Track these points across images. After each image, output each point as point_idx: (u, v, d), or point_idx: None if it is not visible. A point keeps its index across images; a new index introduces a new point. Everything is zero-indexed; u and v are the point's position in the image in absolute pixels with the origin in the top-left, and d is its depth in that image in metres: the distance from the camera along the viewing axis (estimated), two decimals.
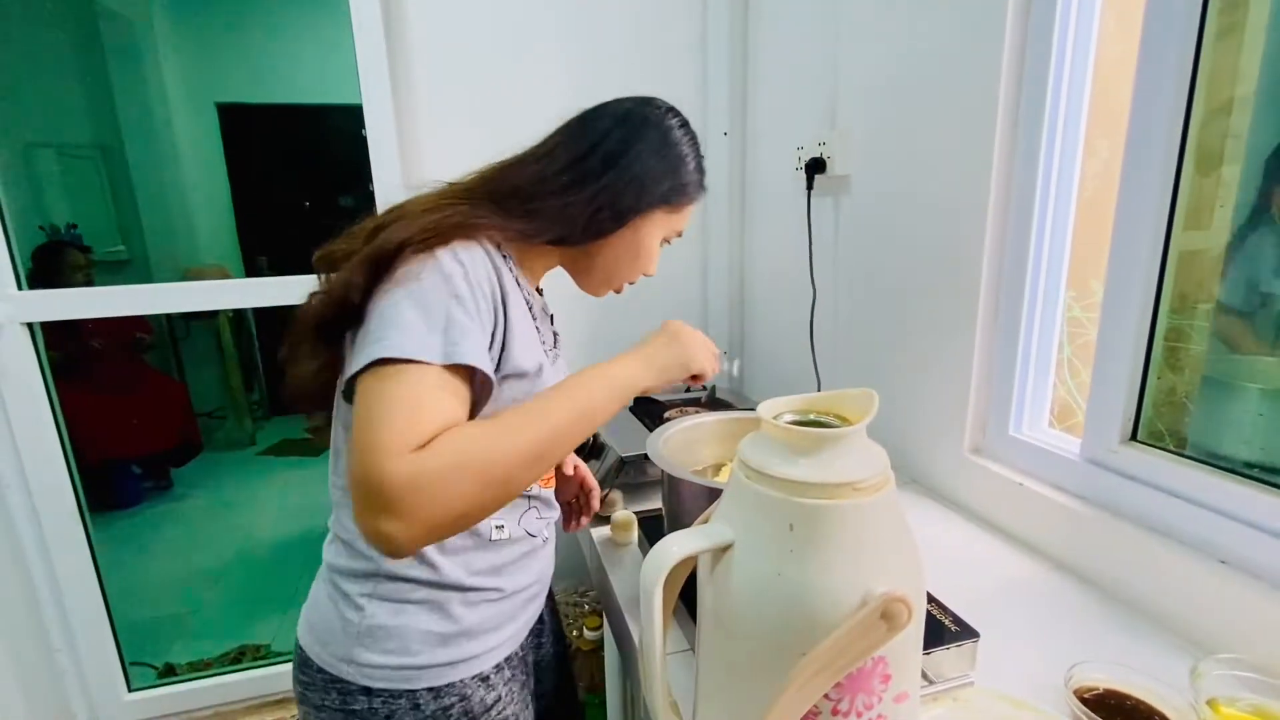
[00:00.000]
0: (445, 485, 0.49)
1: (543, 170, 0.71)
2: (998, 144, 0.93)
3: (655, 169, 0.72)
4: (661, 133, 0.73)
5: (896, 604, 0.38)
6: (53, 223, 2.74)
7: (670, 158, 0.73)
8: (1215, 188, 0.79)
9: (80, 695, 1.57)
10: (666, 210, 0.75)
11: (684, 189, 0.75)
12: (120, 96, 2.99)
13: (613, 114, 0.74)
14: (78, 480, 1.48)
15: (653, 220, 0.75)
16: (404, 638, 0.66)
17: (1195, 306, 0.82)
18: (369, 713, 0.66)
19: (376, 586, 0.67)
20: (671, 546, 0.45)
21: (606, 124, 0.73)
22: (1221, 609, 0.70)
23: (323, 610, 0.70)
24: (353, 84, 1.45)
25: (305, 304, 0.66)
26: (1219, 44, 0.74)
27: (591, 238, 0.72)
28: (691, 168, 0.76)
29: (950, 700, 0.64)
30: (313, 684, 0.69)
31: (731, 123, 1.69)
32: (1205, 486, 0.74)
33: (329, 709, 0.68)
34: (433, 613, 0.68)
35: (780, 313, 1.62)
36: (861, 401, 0.47)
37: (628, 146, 0.71)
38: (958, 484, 1.08)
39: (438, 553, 0.67)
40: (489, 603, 0.71)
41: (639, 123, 0.73)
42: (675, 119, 0.76)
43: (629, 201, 0.72)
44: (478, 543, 0.70)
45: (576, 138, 0.73)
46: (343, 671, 0.67)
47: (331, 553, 0.71)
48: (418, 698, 0.67)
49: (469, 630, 0.69)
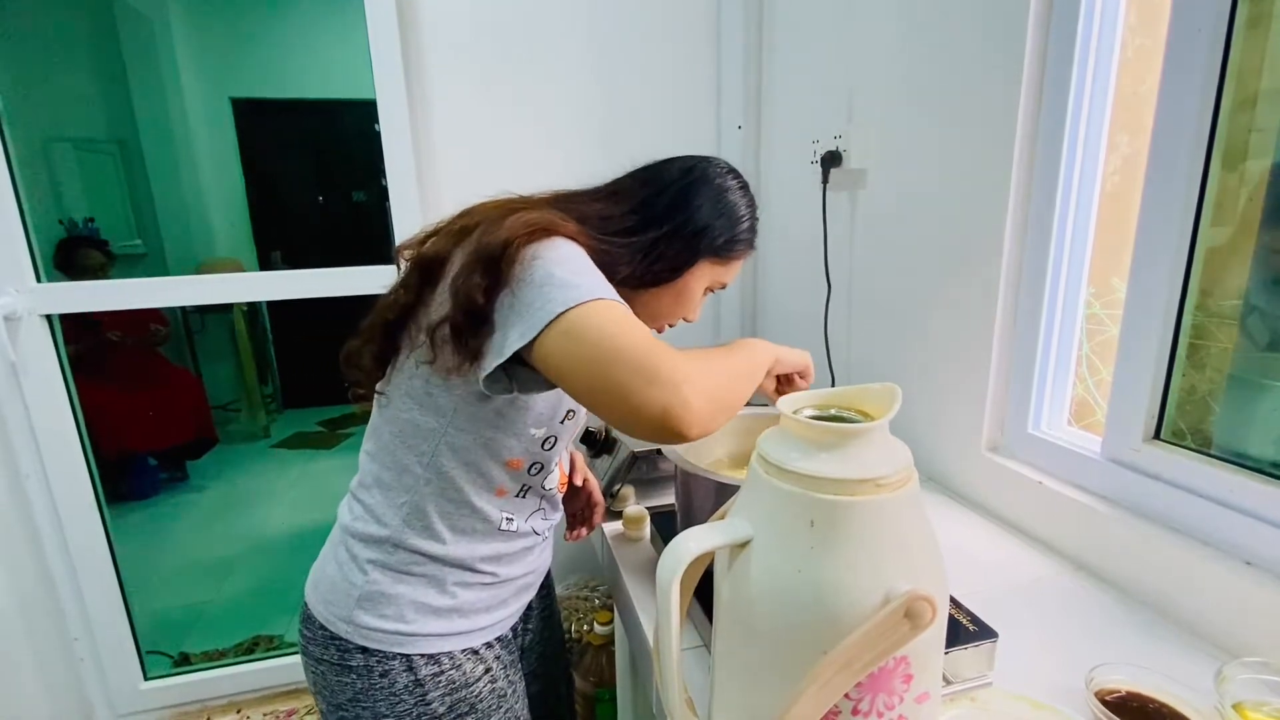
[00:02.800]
0: (708, 368, 0.58)
1: (608, 209, 0.74)
2: (1018, 138, 0.92)
3: (712, 222, 0.76)
4: (720, 189, 0.77)
5: (920, 602, 0.38)
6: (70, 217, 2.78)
7: (726, 212, 0.77)
8: (1240, 182, 0.78)
9: (97, 683, 1.59)
10: (715, 262, 0.78)
11: (735, 244, 0.79)
12: (136, 92, 3.02)
13: (678, 167, 0.78)
14: (95, 471, 1.50)
15: (700, 269, 0.78)
16: (400, 605, 0.71)
17: (1221, 303, 0.81)
18: (365, 669, 0.71)
19: (387, 555, 0.71)
20: (689, 542, 0.45)
21: (672, 175, 0.77)
22: (1247, 611, 0.68)
23: (329, 571, 0.75)
24: (366, 79, 1.45)
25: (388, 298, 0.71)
26: (1246, 35, 0.72)
27: (647, 285, 0.75)
28: (745, 226, 0.79)
29: (968, 701, 0.63)
30: (314, 639, 0.74)
31: (746, 116, 1.68)
32: (1231, 486, 0.73)
33: (328, 663, 0.73)
34: (430, 586, 0.72)
35: (794, 307, 1.61)
36: (884, 397, 0.46)
37: (689, 199, 0.75)
38: (975, 482, 1.06)
39: (450, 532, 0.72)
40: (484, 586, 0.75)
41: (700, 177, 0.77)
42: (734, 179, 0.80)
43: (685, 251, 0.75)
44: (488, 529, 0.74)
45: (643, 184, 0.77)
46: (341, 630, 0.71)
47: (350, 516, 0.75)
48: (411, 660, 0.71)
49: (462, 608, 0.73)
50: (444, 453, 0.69)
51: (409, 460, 0.71)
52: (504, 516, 0.75)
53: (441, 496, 0.71)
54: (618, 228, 0.73)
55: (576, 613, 1.60)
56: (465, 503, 0.71)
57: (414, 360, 0.68)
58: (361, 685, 0.71)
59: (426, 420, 0.69)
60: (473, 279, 0.61)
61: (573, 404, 0.75)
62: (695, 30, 1.63)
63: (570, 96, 1.60)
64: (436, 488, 0.71)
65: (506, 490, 0.74)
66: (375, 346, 0.71)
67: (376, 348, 0.71)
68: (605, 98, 1.61)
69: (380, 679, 0.71)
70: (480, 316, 0.61)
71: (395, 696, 0.71)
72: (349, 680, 0.71)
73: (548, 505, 0.81)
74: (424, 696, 0.71)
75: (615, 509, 1.08)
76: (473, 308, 0.60)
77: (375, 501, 0.73)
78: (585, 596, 1.65)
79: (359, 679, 0.71)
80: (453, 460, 0.70)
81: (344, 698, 0.72)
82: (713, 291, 0.83)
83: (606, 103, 1.62)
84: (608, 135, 1.63)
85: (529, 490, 0.77)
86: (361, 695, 0.71)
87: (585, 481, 0.99)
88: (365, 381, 0.74)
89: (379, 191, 1.53)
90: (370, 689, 0.71)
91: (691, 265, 0.76)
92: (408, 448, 0.70)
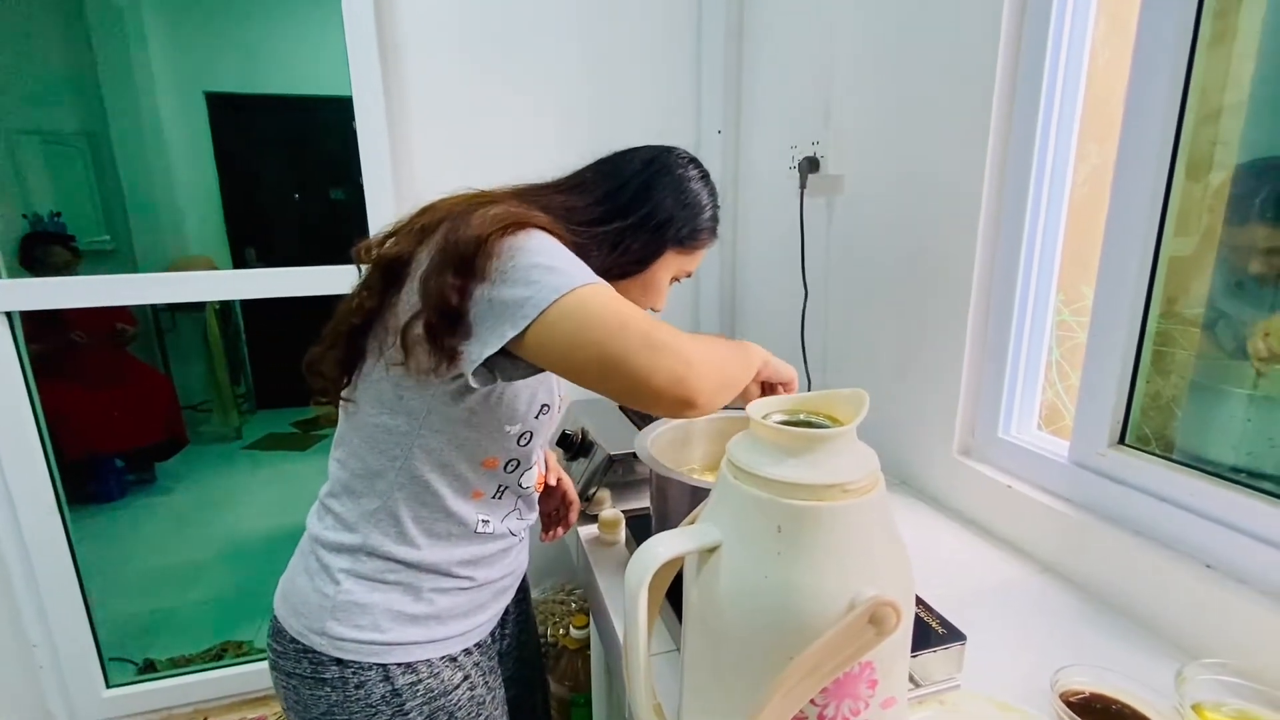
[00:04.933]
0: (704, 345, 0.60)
1: (573, 201, 0.74)
2: (990, 147, 0.93)
3: (675, 212, 0.77)
4: (681, 179, 0.78)
5: (885, 608, 0.38)
6: (36, 211, 2.70)
7: (689, 203, 0.78)
8: (1205, 193, 0.79)
9: (57, 691, 1.54)
10: (679, 251, 0.79)
11: (698, 233, 0.80)
12: (107, 84, 2.95)
13: (640, 158, 0.78)
14: (57, 474, 1.45)
15: (666, 260, 0.79)
16: (375, 615, 0.69)
17: (1185, 311, 0.83)
18: (339, 681, 0.69)
19: (359, 563, 0.70)
20: (658, 547, 0.44)
21: (634, 166, 0.77)
22: (1207, 613, 0.70)
23: (299, 582, 0.72)
24: (343, 75, 1.43)
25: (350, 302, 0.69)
26: (1211, 50, 0.74)
27: (615, 276, 0.74)
28: (708, 215, 0.80)
29: (937, 703, 0.64)
30: (285, 653, 0.72)
31: (725, 121, 1.69)
32: (1192, 490, 0.74)
33: (299, 676, 0.71)
34: (406, 594, 0.70)
35: (772, 312, 1.62)
36: (852, 402, 0.47)
37: (651, 190, 0.76)
38: (947, 486, 1.08)
39: (425, 536, 0.70)
40: (461, 590, 0.74)
41: (661, 168, 0.77)
42: (695, 168, 0.80)
43: (651, 242, 0.76)
44: (464, 532, 0.73)
45: (607, 176, 0.77)
46: (314, 643, 0.69)
47: (320, 526, 0.73)
48: (388, 670, 0.69)
49: (439, 614, 0.72)
50: (417, 456, 0.68)
51: (380, 465, 0.69)
52: (480, 519, 0.73)
53: (415, 501, 0.69)
54: (584, 219, 0.73)
55: (552, 617, 1.59)
56: (440, 507, 0.70)
57: (383, 364, 0.67)
58: (337, 698, 0.69)
59: (397, 424, 0.68)
60: (445, 278, 0.59)
61: (547, 398, 0.74)
62: (676, 35, 1.64)
63: (550, 99, 1.59)
64: (410, 492, 0.69)
65: (483, 492, 0.73)
66: (339, 352, 0.69)
67: (341, 354, 0.69)
68: (586, 100, 1.61)
69: (356, 690, 0.69)
70: (455, 315, 0.59)
71: (372, 708, 0.69)
72: (323, 694, 0.69)
73: (524, 505, 0.80)
74: (401, 707, 0.70)
75: (591, 512, 1.07)
76: (446, 307, 0.59)
77: (345, 509, 0.71)
78: (561, 600, 1.64)
79: (334, 691, 0.69)
80: (427, 463, 0.69)
81: (318, 711, 0.70)
82: (678, 280, 0.84)
83: (587, 105, 1.61)
84: (588, 138, 1.62)
85: (506, 490, 0.76)
86: (337, 708, 0.69)
87: (560, 481, 0.98)
88: (330, 389, 0.72)
89: (357, 190, 1.50)
90: (346, 701, 0.69)
91: (658, 256, 0.77)
92: (379, 452, 0.69)
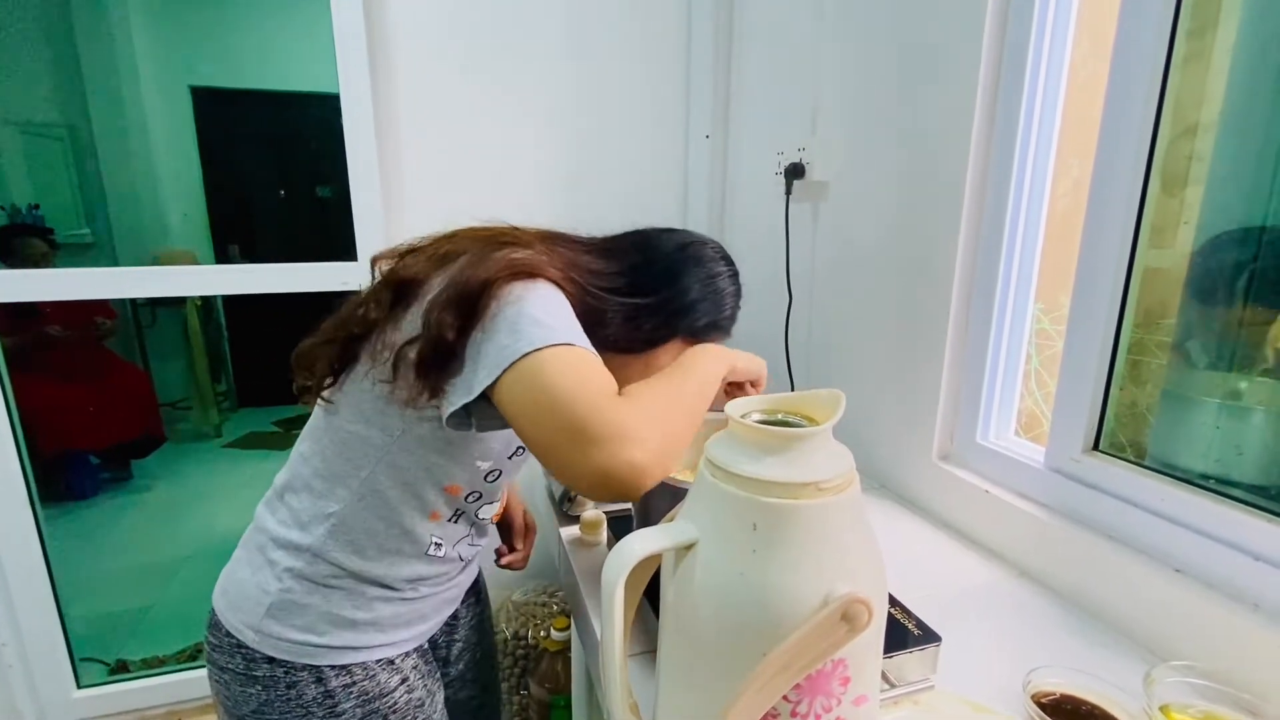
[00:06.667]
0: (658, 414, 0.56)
1: (598, 264, 0.72)
2: (972, 158, 0.95)
3: (698, 303, 0.75)
4: (711, 273, 0.77)
5: (857, 605, 0.38)
6: (14, 203, 2.65)
7: (713, 298, 0.77)
8: (1180, 208, 0.81)
9: (26, 691, 1.51)
10: (687, 342, 0.76)
11: (714, 329, 0.79)
12: (89, 75, 2.91)
13: (675, 241, 0.77)
14: (29, 469, 1.43)
15: (673, 346, 0.76)
16: (312, 617, 0.68)
17: (1158, 322, 0.84)
18: (270, 680, 0.68)
19: (306, 564, 0.68)
20: (634, 544, 0.45)
21: (667, 248, 0.76)
22: (1176, 617, 0.71)
23: (240, 575, 0.71)
24: (331, 71, 1.42)
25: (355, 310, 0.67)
26: (1186, 68, 0.76)
27: (620, 350, 0.73)
28: (727, 314, 0.80)
29: (911, 704, 0.65)
30: (220, 646, 0.71)
31: (714, 125, 1.70)
32: (1162, 496, 0.76)
33: (232, 672, 0.69)
34: (347, 600, 0.69)
35: (756, 316, 1.62)
36: (829, 402, 0.47)
37: (680, 275, 0.75)
38: (926, 490, 1.09)
39: (376, 550, 0.70)
40: (405, 601, 0.73)
41: (694, 256, 0.76)
42: (726, 265, 0.80)
43: (665, 325, 0.74)
44: (415, 551, 0.72)
45: (636, 249, 0.76)
46: (248, 639, 0.68)
47: (273, 519, 0.72)
48: (321, 671, 0.69)
49: (379, 622, 0.71)
50: (383, 471, 0.67)
51: (345, 471, 0.68)
52: (433, 541, 0.73)
53: (373, 514, 0.69)
54: (606, 285, 0.71)
55: (534, 618, 1.58)
56: (396, 523, 0.69)
57: (372, 376, 0.66)
58: (267, 697, 0.68)
59: (372, 436, 0.67)
60: (446, 315, 0.59)
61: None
62: (666, 40, 1.65)
63: (539, 100, 1.59)
64: (369, 504, 0.68)
65: (440, 514, 0.72)
66: (333, 353, 0.69)
67: (335, 355, 0.69)
68: (575, 103, 1.61)
69: (287, 690, 0.68)
70: (448, 353, 0.59)
71: (304, 709, 0.68)
72: (254, 691, 0.68)
73: (476, 532, 0.80)
74: (334, 708, 0.69)
75: (573, 514, 1.07)
76: (441, 344, 0.59)
77: (303, 507, 0.70)
78: (543, 602, 1.64)
79: (264, 690, 0.68)
80: (390, 480, 0.68)
81: (248, 709, 0.69)
82: None
83: (576, 108, 1.61)
84: (577, 141, 1.63)
85: (462, 515, 0.75)
86: (266, 707, 0.68)
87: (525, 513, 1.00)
88: (314, 386, 0.71)
89: (343, 187, 1.50)
90: (275, 700, 0.68)
91: (667, 340, 0.75)
92: (346, 460, 0.68)
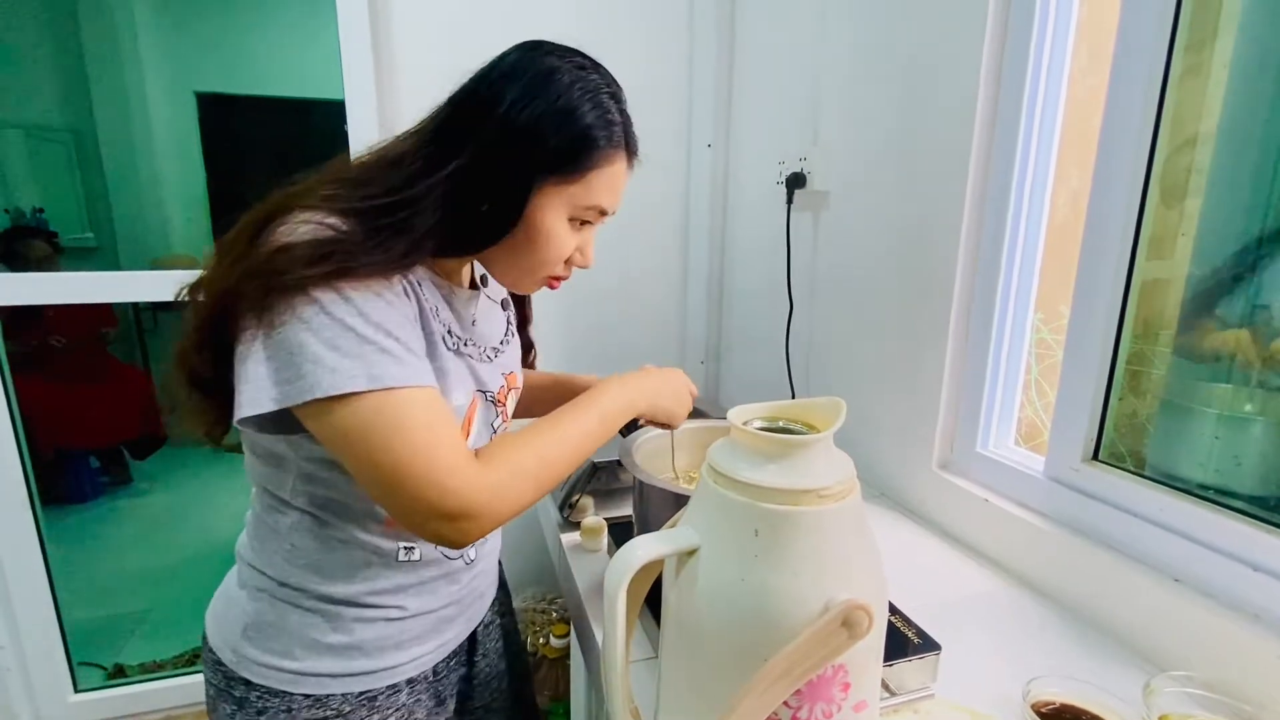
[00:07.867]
0: (511, 490, 0.55)
1: (398, 149, 0.60)
2: (972, 168, 0.95)
3: (535, 123, 0.56)
4: (542, 76, 0.57)
5: (858, 611, 0.39)
6: (18, 206, 2.67)
7: (558, 106, 0.56)
8: (1178, 220, 0.82)
9: (23, 695, 1.51)
10: (561, 180, 0.59)
11: (582, 144, 0.58)
12: (96, 80, 2.93)
13: (488, 67, 0.60)
14: (30, 471, 1.43)
15: (547, 196, 0.59)
16: (288, 641, 0.64)
17: (1157, 333, 0.85)
18: (243, 702, 0.65)
19: (275, 588, 0.64)
20: (637, 549, 0.45)
21: (477, 79, 0.60)
22: (1175, 626, 0.71)
23: (228, 592, 0.69)
24: (336, 78, 1.43)
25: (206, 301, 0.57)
26: (1184, 81, 0.77)
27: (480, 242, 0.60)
28: (590, 118, 0.58)
29: (911, 712, 0.65)
30: (206, 660, 0.70)
31: (715, 134, 1.71)
32: (1162, 506, 0.76)
33: (214, 686, 0.68)
34: (325, 620, 0.64)
35: (757, 324, 1.63)
36: (830, 410, 0.47)
37: (496, 102, 0.56)
38: (926, 498, 1.09)
39: (341, 568, 0.64)
40: (389, 621, 0.66)
41: (511, 71, 0.58)
42: (567, 59, 0.59)
43: (508, 177, 0.57)
44: (384, 561, 0.65)
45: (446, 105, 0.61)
46: (226, 657, 0.66)
47: (244, 537, 0.69)
48: (292, 701, 0.64)
49: (362, 645, 0.65)
50: (302, 494, 0.62)
51: (273, 502, 0.64)
52: (401, 546, 0.65)
53: (321, 533, 0.63)
54: (405, 175, 0.56)
55: (533, 626, 1.58)
56: (349, 539, 0.63)
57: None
58: (241, 718, 0.65)
59: (278, 448, 0.60)
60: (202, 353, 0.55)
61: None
62: (667, 49, 1.66)
63: None
64: (310, 525, 0.63)
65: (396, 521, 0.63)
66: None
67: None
68: None
69: (257, 716, 0.64)
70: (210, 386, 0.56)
71: None
72: (229, 709, 0.66)
73: None
74: None
75: (573, 520, 1.07)
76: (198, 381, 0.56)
77: (263, 534, 0.65)
78: (543, 610, 1.64)
79: (238, 710, 0.65)
80: (317, 499, 0.62)
81: None
82: (590, 223, 0.65)
83: None
84: None
85: None
86: None
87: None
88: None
89: None
90: None
91: (527, 194, 0.58)
92: (266, 490, 0.65)
